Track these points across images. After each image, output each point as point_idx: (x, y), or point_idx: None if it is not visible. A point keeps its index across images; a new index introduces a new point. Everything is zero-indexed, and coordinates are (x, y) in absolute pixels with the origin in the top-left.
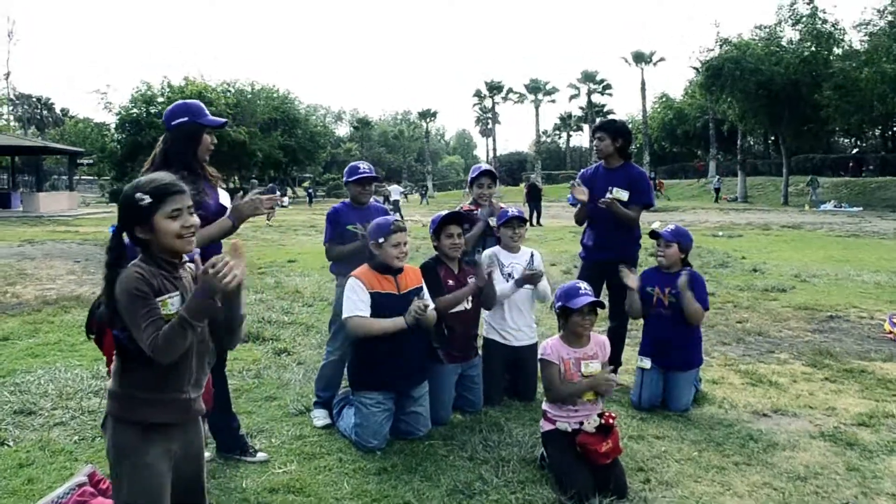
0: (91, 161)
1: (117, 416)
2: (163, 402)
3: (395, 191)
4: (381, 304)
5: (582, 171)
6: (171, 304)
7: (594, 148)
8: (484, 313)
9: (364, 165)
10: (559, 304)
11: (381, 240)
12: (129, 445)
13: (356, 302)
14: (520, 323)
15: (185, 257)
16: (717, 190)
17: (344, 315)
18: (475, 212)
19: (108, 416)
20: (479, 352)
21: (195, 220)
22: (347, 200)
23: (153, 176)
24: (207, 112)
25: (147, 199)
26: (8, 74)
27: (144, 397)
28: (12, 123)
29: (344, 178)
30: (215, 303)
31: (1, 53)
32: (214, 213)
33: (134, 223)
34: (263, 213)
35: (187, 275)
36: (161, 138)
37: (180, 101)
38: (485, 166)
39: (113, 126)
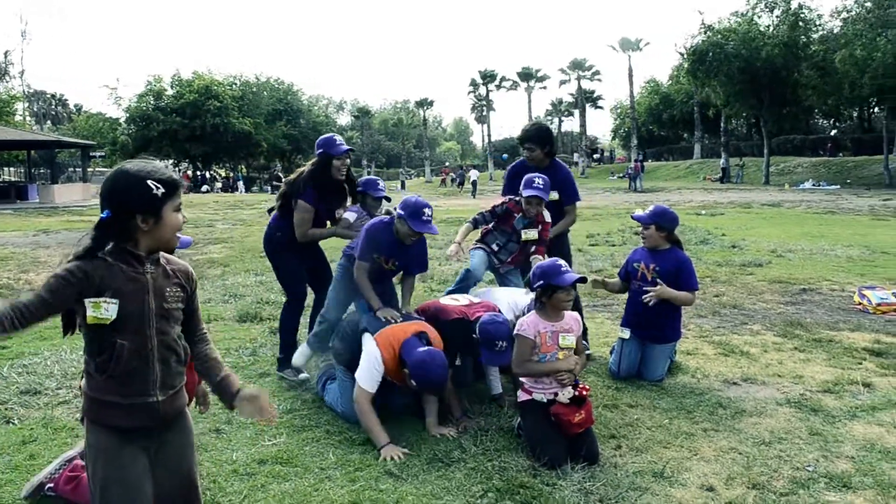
0: (104, 154)
1: (90, 417)
2: (127, 407)
3: (473, 174)
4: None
5: (512, 164)
6: (105, 308)
7: (526, 157)
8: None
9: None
10: (541, 283)
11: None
12: (103, 447)
13: (373, 375)
14: (503, 308)
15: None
16: (725, 170)
17: (357, 375)
18: (515, 214)
19: (84, 416)
20: None
21: None
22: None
23: (154, 165)
24: (340, 143)
25: (161, 189)
26: (22, 72)
27: (109, 400)
28: (28, 119)
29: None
30: None
31: (15, 52)
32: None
33: (140, 210)
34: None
35: (154, 270)
36: (312, 161)
37: (327, 136)
38: (537, 189)
39: (123, 120)
